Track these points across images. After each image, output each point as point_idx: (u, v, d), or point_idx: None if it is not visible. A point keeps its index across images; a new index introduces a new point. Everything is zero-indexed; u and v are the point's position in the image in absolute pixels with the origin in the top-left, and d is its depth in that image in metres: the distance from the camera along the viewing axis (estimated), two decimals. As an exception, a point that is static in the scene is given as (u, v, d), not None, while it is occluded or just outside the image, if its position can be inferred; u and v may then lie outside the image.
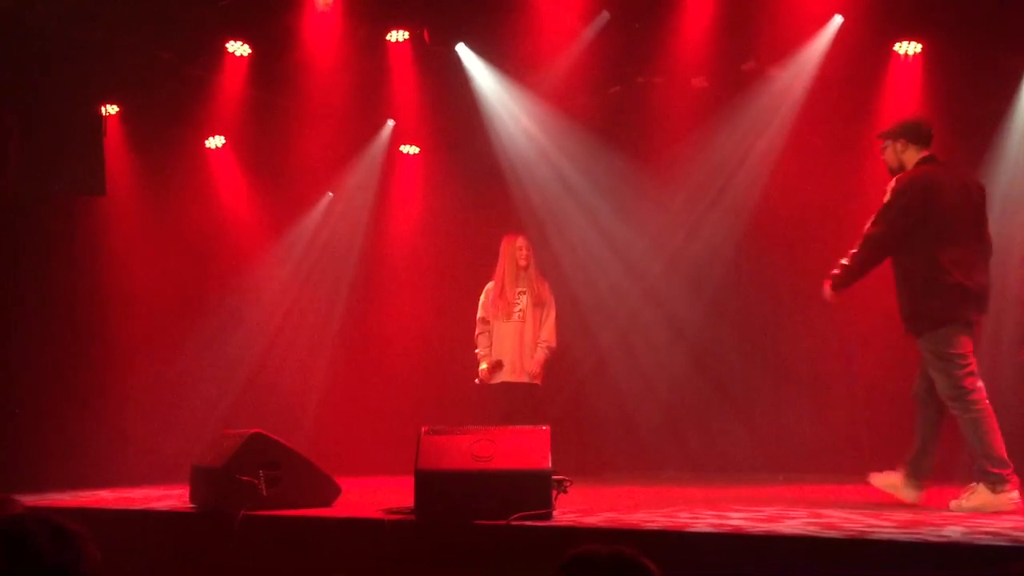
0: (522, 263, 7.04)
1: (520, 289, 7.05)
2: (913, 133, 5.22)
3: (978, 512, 4.68)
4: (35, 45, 6.57)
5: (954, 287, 4.99)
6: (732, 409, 7.19)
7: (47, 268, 7.66)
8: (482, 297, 7.19)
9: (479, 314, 7.16)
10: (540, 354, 6.98)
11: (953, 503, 4.89)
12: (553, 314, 7.08)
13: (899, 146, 5.22)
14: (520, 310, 6.99)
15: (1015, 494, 4.77)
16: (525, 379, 6.97)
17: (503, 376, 7.00)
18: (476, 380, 7.08)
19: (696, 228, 8.22)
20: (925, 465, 5.15)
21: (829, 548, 3.76)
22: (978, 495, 4.82)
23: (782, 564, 3.73)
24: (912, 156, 5.19)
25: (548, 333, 7.02)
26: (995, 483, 4.80)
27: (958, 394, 4.98)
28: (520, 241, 7.09)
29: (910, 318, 5.14)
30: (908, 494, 5.15)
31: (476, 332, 7.16)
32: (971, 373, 4.99)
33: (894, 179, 5.13)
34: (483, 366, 7.03)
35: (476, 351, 7.14)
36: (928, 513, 4.70)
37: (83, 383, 7.71)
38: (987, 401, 4.96)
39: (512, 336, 6.99)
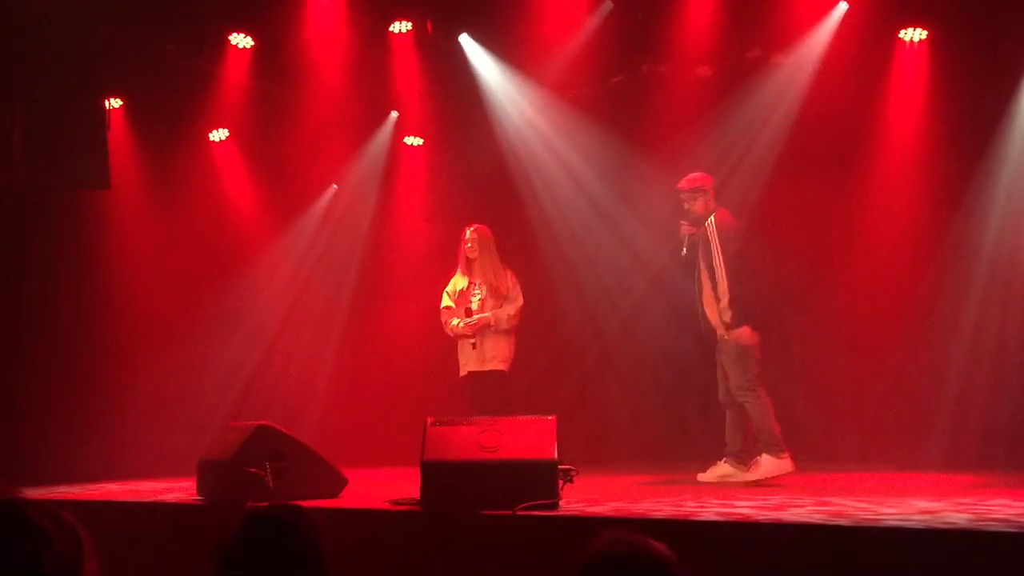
0: (470, 255, 6.95)
1: (477, 280, 6.96)
2: (715, 187, 6.48)
3: (768, 478, 5.92)
4: (39, 38, 6.56)
5: (757, 302, 6.25)
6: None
7: (51, 261, 7.67)
8: (448, 287, 7.10)
9: (443, 303, 7.04)
10: (482, 319, 6.79)
11: (749, 475, 6.05)
12: (513, 304, 6.87)
13: (709, 197, 6.37)
14: (480, 300, 6.88)
15: (790, 462, 6.02)
16: (490, 367, 6.86)
17: (469, 366, 6.91)
18: (472, 341, 6.91)
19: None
20: (747, 450, 6.20)
21: (835, 535, 3.76)
22: (767, 465, 6.00)
23: (789, 551, 3.73)
24: (715, 204, 6.37)
25: (503, 312, 6.82)
26: (776, 454, 6.01)
27: (751, 385, 6.12)
28: (468, 234, 6.98)
29: (720, 323, 6.22)
30: (742, 476, 6.07)
31: (443, 320, 7.02)
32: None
33: (726, 221, 6.25)
34: (461, 324, 6.86)
35: (452, 324, 6.93)
36: (932, 500, 4.69)
37: (89, 377, 7.73)
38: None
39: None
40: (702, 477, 6.21)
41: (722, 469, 6.22)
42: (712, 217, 6.25)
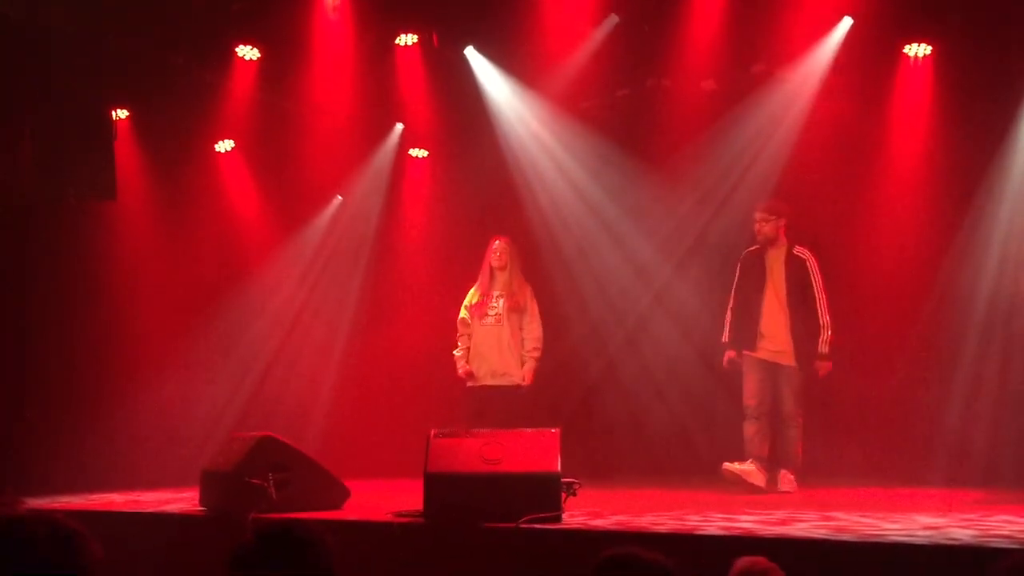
0: (495, 264, 7.13)
1: (497, 292, 7.12)
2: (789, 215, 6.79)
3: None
4: (47, 49, 6.60)
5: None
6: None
7: (57, 271, 7.68)
8: (466, 299, 7.30)
9: (460, 315, 7.29)
10: (529, 364, 7.10)
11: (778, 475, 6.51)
12: (535, 321, 7.15)
13: (782, 223, 6.72)
14: (496, 313, 7.07)
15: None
16: (503, 382, 7.04)
17: (483, 379, 7.11)
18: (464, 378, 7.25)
19: (706, 231, 8.19)
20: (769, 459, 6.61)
21: (839, 550, 3.76)
22: (792, 480, 6.48)
23: (793, 567, 3.72)
24: (785, 235, 6.74)
25: (533, 340, 7.11)
26: (797, 476, 6.52)
27: (802, 412, 6.63)
28: (497, 244, 7.19)
29: (803, 353, 6.58)
30: (762, 481, 6.44)
31: (457, 334, 7.30)
32: None
33: (811, 255, 6.67)
34: (460, 369, 7.23)
35: (454, 352, 7.28)
36: (936, 516, 4.68)
37: (93, 387, 7.73)
38: None
39: (490, 338, 7.11)
40: (728, 466, 6.45)
41: (748, 467, 6.45)
42: (807, 251, 6.68)
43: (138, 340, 8.17)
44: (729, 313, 6.91)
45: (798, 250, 6.72)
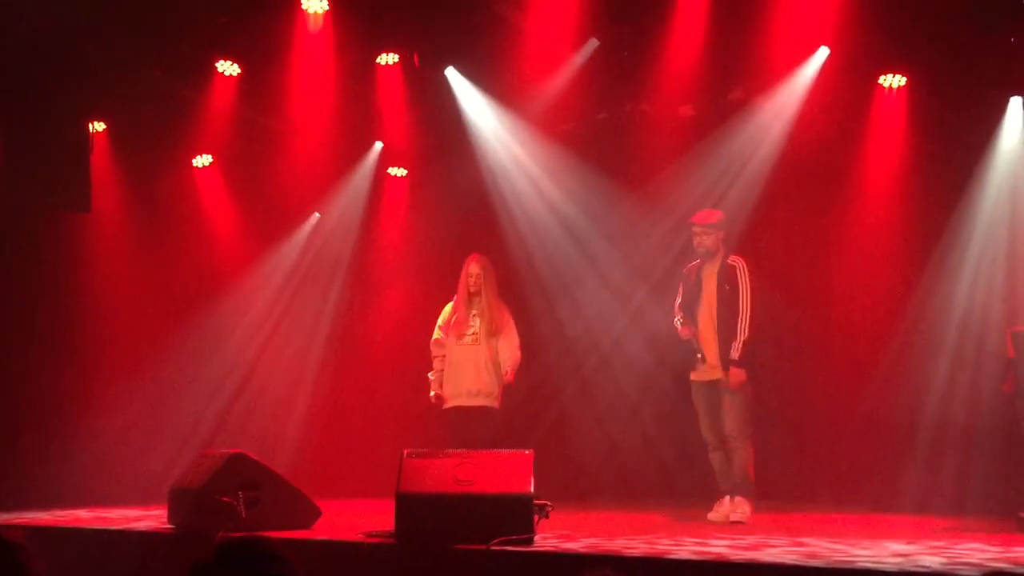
0: (472, 289, 6.84)
1: (474, 312, 6.85)
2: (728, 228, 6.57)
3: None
4: (24, 59, 6.56)
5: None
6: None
7: (30, 284, 7.62)
8: (439, 319, 7.03)
9: (434, 336, 6.99)
10: (509, 368, 6.77)
11: (733, 515, 6.00)
12: (514, 343, 6.85)
13: (721, 235, 6.43)
14: (473, 333, 6.80)
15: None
16: (480, 402, 6.75)
17: (458, 400, 6.80)
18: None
19: (682, 254, 8.23)
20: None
21: (810, 576, 3.76)
22: (746, 507, 6.04)
23: (763, 592, 3.72)
24: (724, 244, 6.43)
25: (512, 352, 6.81)
26: (752, 501, 6.10)
27: (748, 432, 6.16)
28: (471, 267, 6.86)
29: (739, 364, 6.14)
30: (730, 515, 6.06)
31: (431, 355, 6.99)
32: None
33: (743, 262, 6.30)
34: (432, 393, 6.91)
35: (428, 375, 6.97)
36: (905, 543, 4.70)
37: (63, 402, 7.65)
38: None
39: (467, 359, 6.79)
40: (712, 516, 6.12)
41: (723, 510, 6.13)
42: (739, 258, 6.32)
43: (109, 355, 8.09)
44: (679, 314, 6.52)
45: (732, 259, 6.34)
